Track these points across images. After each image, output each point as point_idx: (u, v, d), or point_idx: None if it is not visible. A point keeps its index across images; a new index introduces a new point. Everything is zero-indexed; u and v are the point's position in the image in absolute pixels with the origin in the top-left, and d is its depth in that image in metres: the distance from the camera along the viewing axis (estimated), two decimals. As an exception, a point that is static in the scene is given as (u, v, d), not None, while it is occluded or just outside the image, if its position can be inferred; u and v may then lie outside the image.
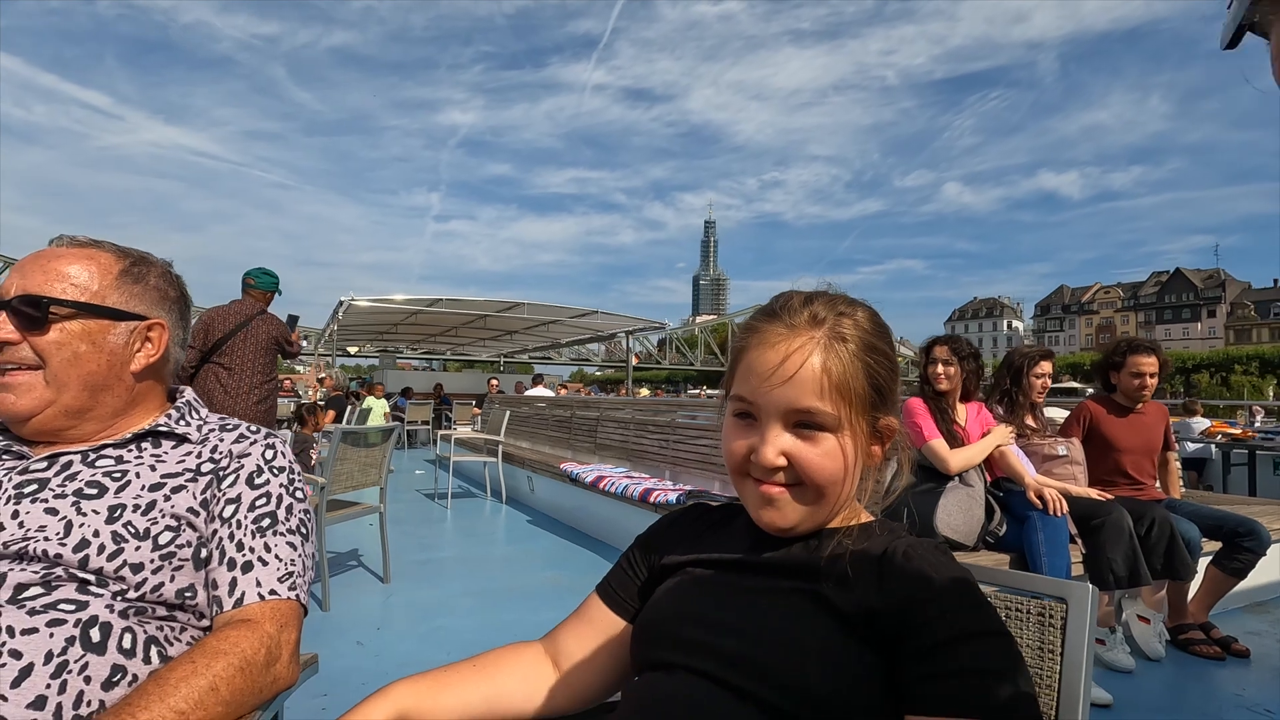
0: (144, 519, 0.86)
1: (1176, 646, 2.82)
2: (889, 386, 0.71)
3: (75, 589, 0.79)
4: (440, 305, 14.27)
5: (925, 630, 0.60)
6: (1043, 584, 0.70)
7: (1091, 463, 3.02)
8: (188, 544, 0.88)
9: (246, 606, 0.87)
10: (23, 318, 0.87)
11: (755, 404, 0.70)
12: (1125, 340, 3.11)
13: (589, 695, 0.82)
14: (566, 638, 0.84)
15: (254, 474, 0.96)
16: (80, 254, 0.93)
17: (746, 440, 0.71)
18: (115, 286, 0.94)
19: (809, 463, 0.68)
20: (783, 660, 0.62)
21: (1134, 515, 2.63)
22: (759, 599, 0.69)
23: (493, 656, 0.82)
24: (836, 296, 0.74)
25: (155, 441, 0.95)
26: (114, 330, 0.93)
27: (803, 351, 0.68)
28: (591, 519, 5.02)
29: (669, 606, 0.74)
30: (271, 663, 0.84)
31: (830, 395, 0.67)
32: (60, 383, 0.89)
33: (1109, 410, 3.11)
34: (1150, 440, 3.08)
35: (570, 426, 6.90)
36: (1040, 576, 0.71)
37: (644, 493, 4.15)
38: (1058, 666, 0.66)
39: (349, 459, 3.55)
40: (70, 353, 0.89)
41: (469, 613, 3.27)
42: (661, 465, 5.04)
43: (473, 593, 3.62)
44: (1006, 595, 0.71)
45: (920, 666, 0.59)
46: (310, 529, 1.00)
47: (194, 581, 0.89)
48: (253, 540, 0.91)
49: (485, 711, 0.77)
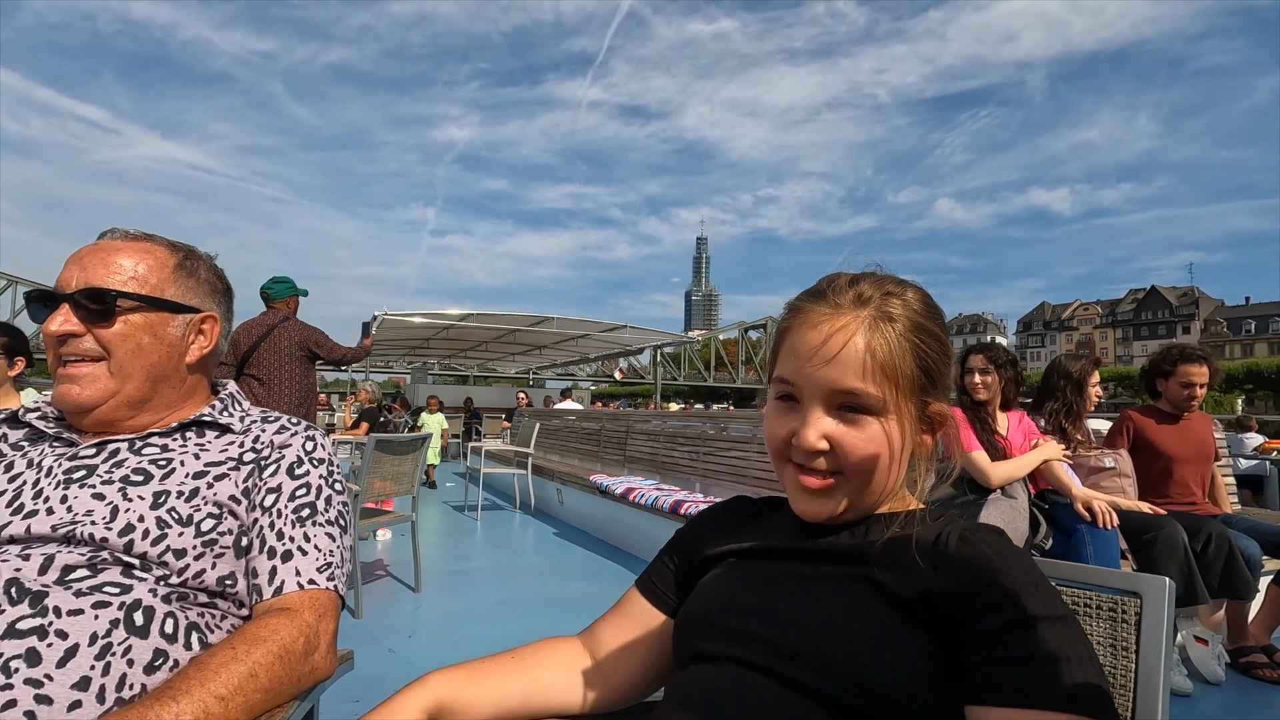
0: (187, 506, 0.87)
1: (1237, 670, 2.67)
2: (939, 370, 0.68)
3: (120, 572, 0.80)
4: (471, 320, 14.43)
5: (989, 615, 0.56)
6: (1114, 578, 0.66)
7: (1140, 475, 2.90)
8: (229, 531, 0.89)
9: (285, 595, 0.87)
10: (87, 310, 0.89)
11: (797, 385, 0.67)
12: (1177, 348, 2.99)
13: (628, 691, 0.79)
14: (605, 632, 0.82)
15: (294, 464, 0.97)
16: (137, 247, 0.95)
17: (788, 423, 0.68)
18: (172, 280, 0.96)
19: (851, 446, 0.65)
20: (834, 648, 0.59)
21: (1189, 530, 2.51)
22: (808, 586, 0.66)
23: (531, 649, 0.80)
24: (885, 276, 0.71)
25: (199, 431, 0.96)
26: (172, 322, 0.95)
27: (846, 331, 0.65)
28: (621, 531, 4.98)
29: (712, 597, 0.71)
30: (310, 652, 0.83)
31: (875, 376, 0.64)
32: (125, 373, 0.91)
33: (1155, 419, 2.99)
34: (1203, 448, 2.95)
35: (599, 439, 6.88)
36: (1111, 570, 0.67)
37: (674, 504, 4.11)
38: (1133, 665, 0.62)
39: (382, 467, 3.58)
40: (134, 344, 0.91)
41: (499, 622, 3.26)
42: (692, 478, 4.99)
43: (503, 602, 3.61)
44: (1073, 590, 0.67)
45: (986, 652, 0.55)
46: (348, 522, 1.00)
47: (234, 570, 0.89)
48: (292, 530, 0.91)
49: (523, 703, 0.75)
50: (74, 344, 0.89)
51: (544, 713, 0.77)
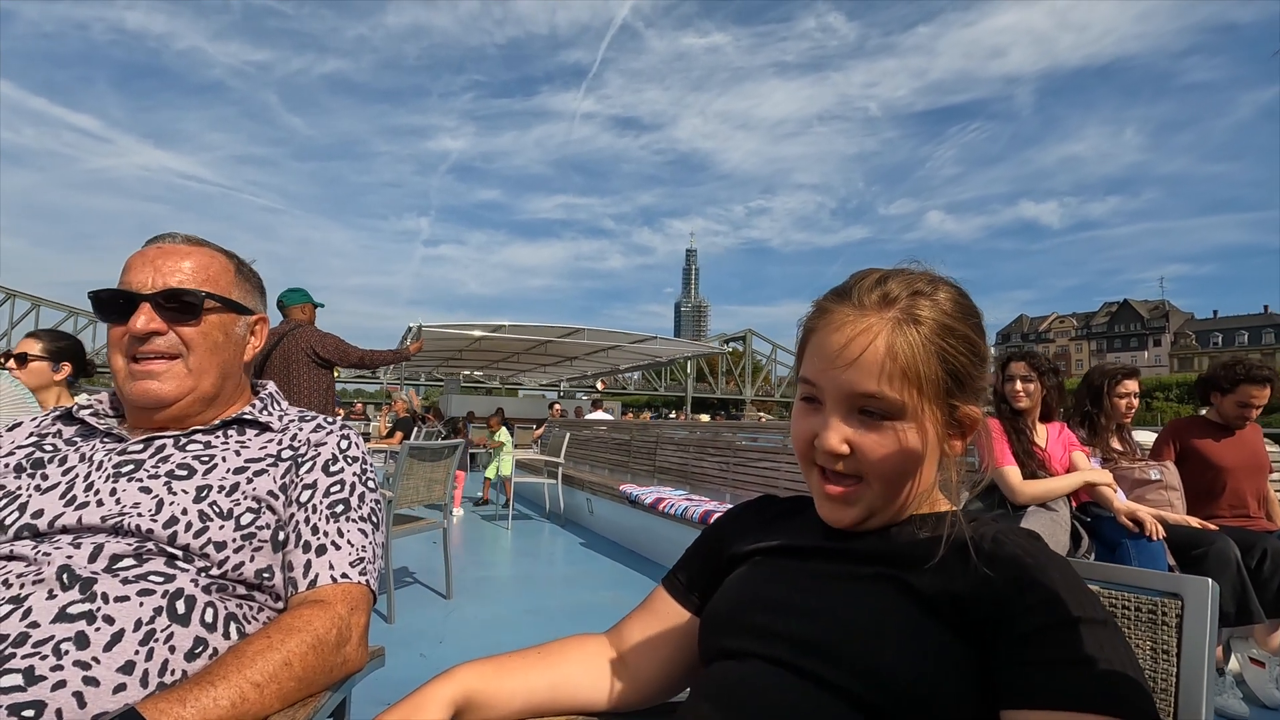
0: (228, 500, 0.90)
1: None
2: (969, 373, 0.66)
3: (164, 563, 0.83)
4: (504, 331, 14.61)
5: (1024, 617, 0.55)
6: (1153, 579, 0.64)
7: (1188, 488, 2.78)
8: (267, 526, 0.91)
9: (320, 588, 0.89)
10: (169, 309, 0.93)
11: (820, 387, 0.67)
12: (1243, 365, 2.81)
13: (654, 688, 0.79)
14: (632, 630, 0.82)
15: (329, 462, 0.99)
16: (203, 252, 1.00)
17: (811, 425, 0.67)
18: (235, 283, 1.02)
19: (870, 451, 0.64)
20: (863, 647, 0.58)
21: (1242, 545, 2.40)
22: (836, 585, 0.65)
23: (558, 645, 0.81)
24: (917, 274, 0.69)
25: (240, 429, 1.00)
26: (238, 323, 1.01)
27: (869, 333, 0.64)
28: (651, 541, 4.97)
29: (739, 594, 0.71)
30: (342, 643, 0.85)
31: (896, 380, 0.63)
32: (202, 370, 0.95)
33: (1203, 430, 2.87)
34: (1256, 459, 2.82)
35: (629, 449, 6.89)
36: (1150, 571, 0.65)
37: (704, 515, 4.08)
38: (1174, 669, 0.60)
39: (415, 474, 3.63)
40: (213, 342, 0.97)
41: (529, 629, 3.26)
42: (722, 488, 4.96)
43: (533, 610, 3.62)
44: (1112, 592, 0.65)
45: (1021, 654, 0.54)
46: (380, 519, 1.02)
47: (271, 563, 0.91)
48: (327, 525, 0.94)
49: (549, 697, 0.75)
50: (154, 342, 0.93)
51: (570, 708, 0.77)
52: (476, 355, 19.05)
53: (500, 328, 14.38)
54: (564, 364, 20.36)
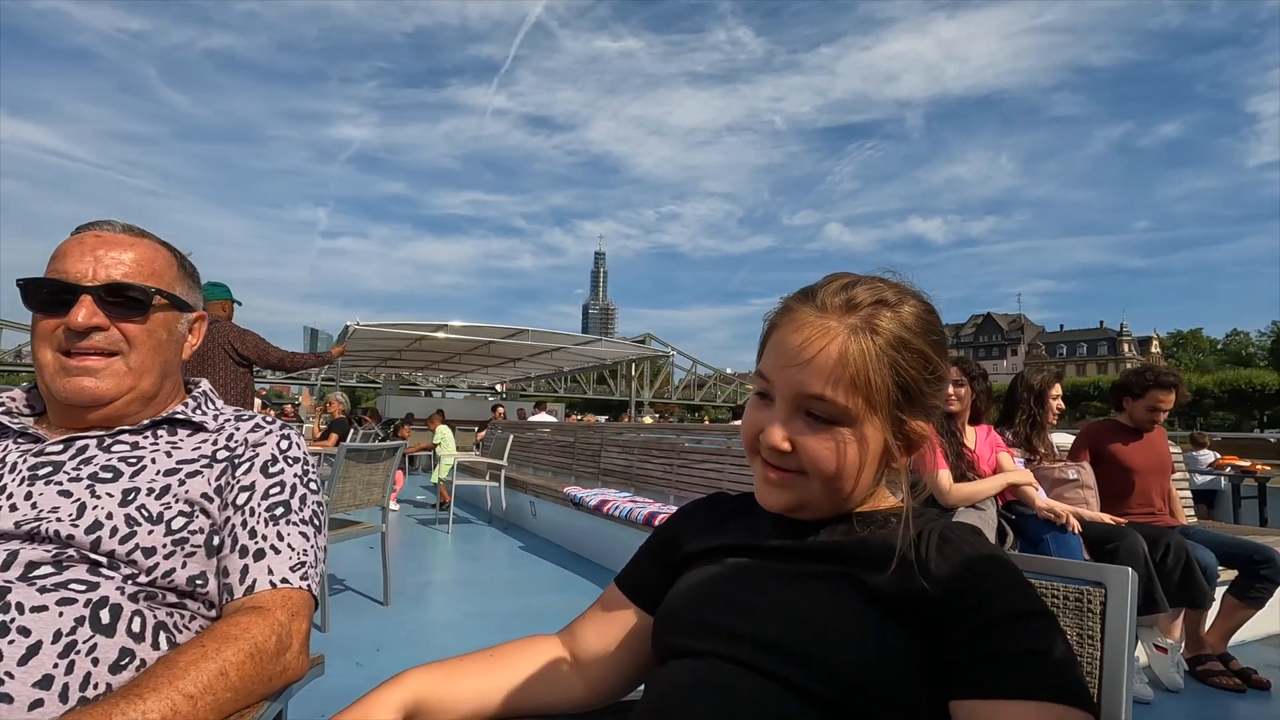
0: (158, 503, 0.85)
1: (1195, 678, 2.74)
2: (920, 389, 0.67)
3: (86, 570, 0.78)
4: (445, 331, 14.30)
5: (972, 611, 0.58)
6: (1080, 569, 0.68)
7: (1102, 487, 2.98)
8: (200, 530, 0.87)
9: (258, 594, 0.86)
10: (115, 305, 0.87)
11: (772, 384, 0.68)
12: (1152, 371, 3.04)
13: (608, 688, 0.79)
14: (585, 630, 0.82)
15: (269, 463, 0.95)
16: (146, 244, 0.95)
17: (760, 420, 0.69)
18: (179, 278, 0.97)
19: (810, 452, 0.65)
20: (816, 644, 0.60)
21: (1148, 540, 2.58)
22: (789, 583, 0.67)
23: (510, 648, 0.80)
24: (887, 284, 0.69)
25: (171, 429, 0.95)
26: (180, 321, 0.97)
27: (825, 336, 0.65)
28: (595, 543, 4.95)
29: (694, 592, 0.72)
30: (282, 651, 0.82)
31: (844, 386, 0.63)
32: (143, 369, 0.90)
33: (1115, 433, 3.08)
34: (1161, 461, 3.05)
35: (574, 452, 6.85)
36: (1076, 562, 0.69)
37: (649, 516, 4.10)
38: (1098, 654, 0.64)
39: (352, 477, 3.52)
40: (157, 340, 0.92)
41: (472, 634, 3.21)
42: (666, 490, 4.99)
43: (475, 614, 3.56)
44: (1041, 582, 0.69)
45: (970, 648, 0.57)
46: (322, 522, 0.99)
47: (205, 569, 0.87)
48: (265, 528, 0.90)
49: (501, 700, 0.75)
50: (93, 338, 0.87)
51: (523, 711, 0.76)
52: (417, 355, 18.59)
53: (443, 327, 14.07)
54: (507, 365, 20.08)
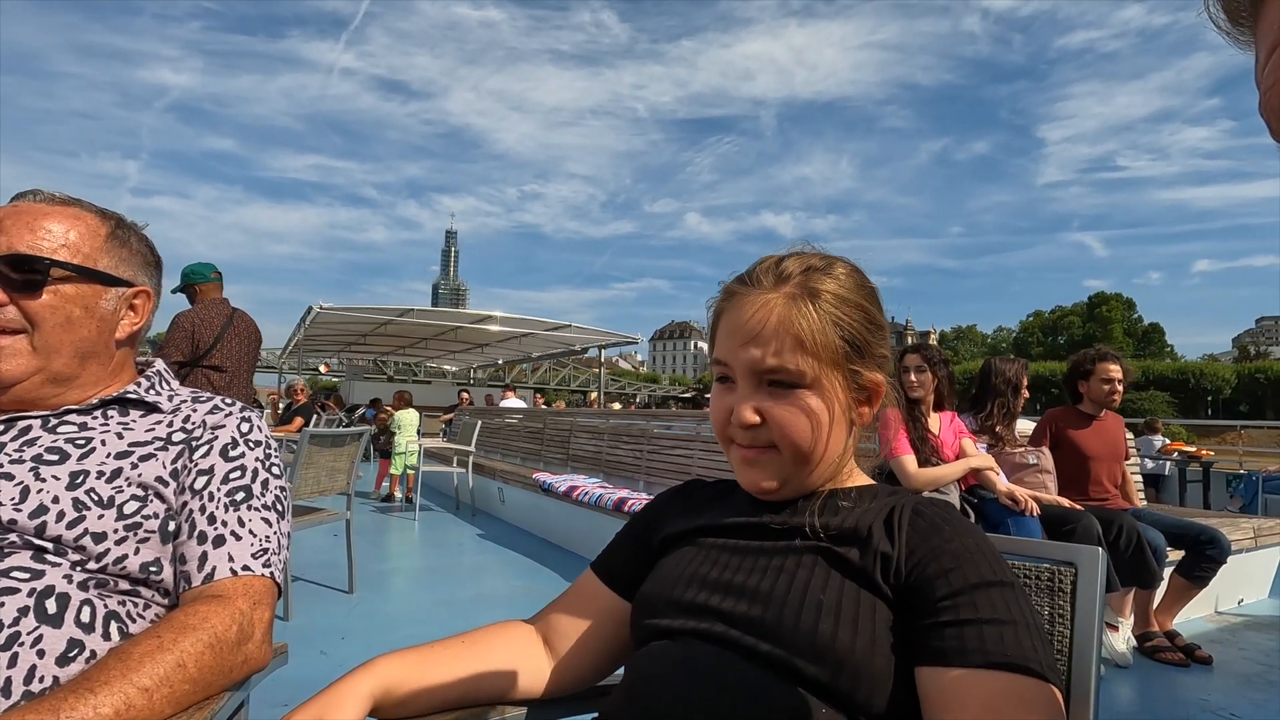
0: (108, 487, 0.81)
1: (1143, 654, 2.86)
2: (866, 340, 0.70)
3: (30, 557, 0.74)
4: (411, 315, 14.07)
5: (940, 581, 0.59)
6: (1052, 549, 0.69)
7: (1060, 471, 3.08)
8: (155, 515, 0.83)
9: (218, 582, 0.82)
10: (12, 279, 0.81)
11: (729, 366, 0.70)
12: (1093, 350, 3.23)
13: (582, 674, 0.78)
14: (559, 615, 0.80)
15: (228, 446, 0.91)
16: (66, 212, 0.88)
17: (727, 403, 0.70)
18: (105, 250, 0.89)
19: (779, 419, 0.67)
20: (797, 619, 0.60)
21: (1103, 522, 2.68)
22: (767, 560, 0.67)
23: (482, 634, 0.78)
24: (812, 254, 0.73)
25: (123, 410, 0.90)
26: (105, 296, 0.88)
27: (766, 309, 0.67)
28: (564, 530, 4.94)
29: (675, 574, 0.71)
30: (243, 641, 0.79)
31: (795, 351, 0.66)
32: (50, 349, 0.83)
33: (1074, 419, 3.18)
34: (1116, 447, 3.16)
35: (542, 438, 6.81)
36: (1049, 542, 0.70)
37: (618, 502, 4.10)
38: (1069, 631, 0.65)
39: (316, 463, 3.44)
40: (63, 317, 0.84)
41: (439, 621, 3.18)
42: (636, 476, 5.00)
43: (442, 602, 3.52)
44: (1014, 562, 0.70)
45: (937, 617, 0.57)
46: (286, 507, 0.95)
47: (160, 556, 0.83)
48: (225, 514, 0.86)
49: (474, 688, 0.73)
50: None
51: (496, 697, 0.75)
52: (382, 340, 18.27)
53: (408, 311, 13.85)
54: (474, 350, 19.86)
